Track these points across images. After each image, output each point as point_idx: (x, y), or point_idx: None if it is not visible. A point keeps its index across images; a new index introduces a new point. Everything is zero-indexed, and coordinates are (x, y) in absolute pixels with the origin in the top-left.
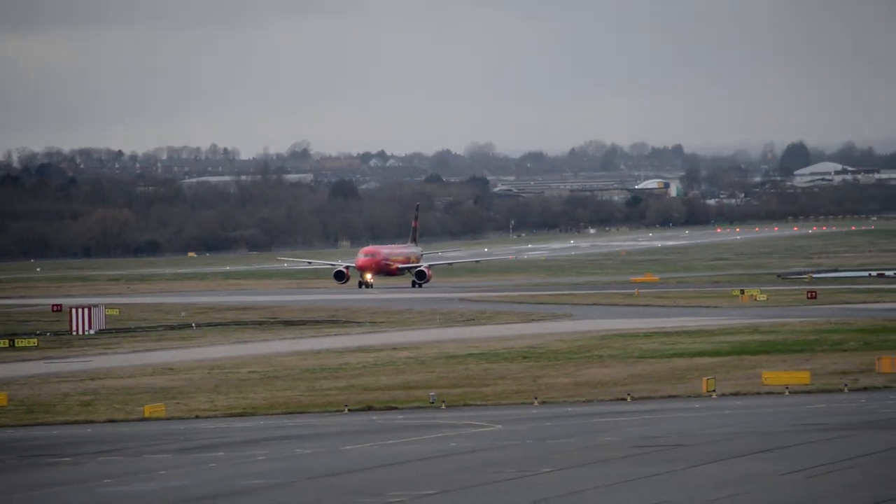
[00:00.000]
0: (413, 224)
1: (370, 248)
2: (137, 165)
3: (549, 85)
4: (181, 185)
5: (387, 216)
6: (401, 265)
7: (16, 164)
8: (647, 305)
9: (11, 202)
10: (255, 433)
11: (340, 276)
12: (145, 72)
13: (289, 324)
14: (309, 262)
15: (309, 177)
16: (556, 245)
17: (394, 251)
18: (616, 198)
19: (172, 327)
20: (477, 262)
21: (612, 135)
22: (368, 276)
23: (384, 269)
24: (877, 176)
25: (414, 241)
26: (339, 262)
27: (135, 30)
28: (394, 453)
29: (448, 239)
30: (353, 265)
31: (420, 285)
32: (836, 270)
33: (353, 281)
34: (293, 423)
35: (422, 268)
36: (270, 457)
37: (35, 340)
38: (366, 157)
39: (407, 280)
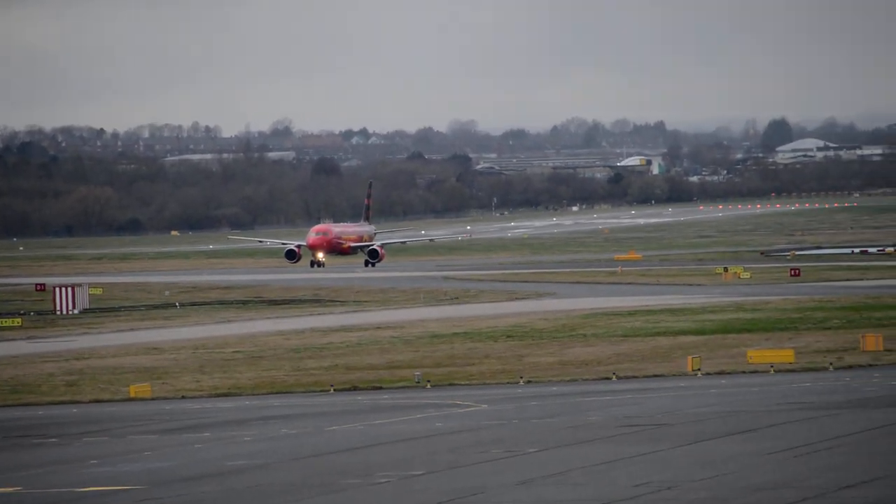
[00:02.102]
0: (366, 202)
1: (321, 226)
2: (119, 143)
3: (531, 62)
4: (163, 164)
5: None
6: (353, 244)
7: None
8: (630, 283)
9: None
10: (241, 413)
11: (292, 256)
12: (126, 49)
13: (273, 303)
14: (260, 241)
15: (291, 155)
16: (538, 223)
17: (346, 230)
18: (598, 175)
19: (156, 306)
20: (431, 240)
21: (594, 112)
22: (320, 255)
23: (336, 248)
24: (858, 152)
25: (367, 219)
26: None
27: (115, 5)
28: (380, 433)
29: (431, 217)
30: (305, 244)
31: (373, 264)
32: (819, 247)
33: (306, 260)
34: (279, 403)
35: (374, 246)
36: (256, 437)
37: (19, 320)
38: (348, 134)
39: (360, 259)
